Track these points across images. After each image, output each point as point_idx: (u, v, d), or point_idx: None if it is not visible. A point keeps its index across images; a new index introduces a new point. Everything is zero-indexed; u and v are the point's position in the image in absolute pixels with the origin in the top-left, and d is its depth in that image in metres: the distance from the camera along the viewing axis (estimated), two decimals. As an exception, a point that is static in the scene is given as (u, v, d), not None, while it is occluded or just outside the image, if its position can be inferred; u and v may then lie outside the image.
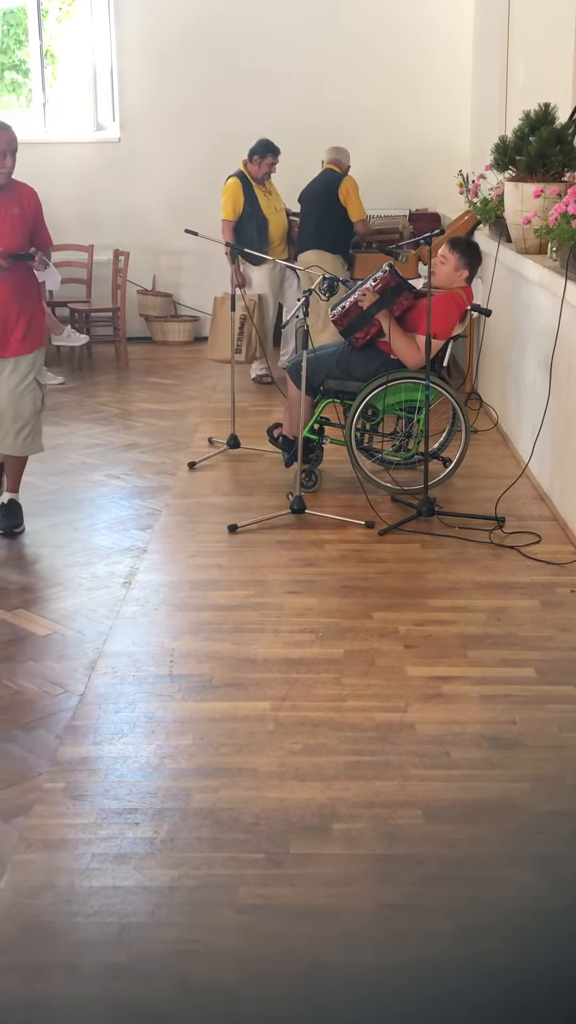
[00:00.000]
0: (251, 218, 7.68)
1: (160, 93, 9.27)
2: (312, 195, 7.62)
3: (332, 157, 7.67)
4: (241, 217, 7.68)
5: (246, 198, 7.66)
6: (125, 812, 2.88)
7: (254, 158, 7.69)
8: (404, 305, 5.21)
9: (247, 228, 7.69)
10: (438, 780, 3.01)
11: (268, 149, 7.66)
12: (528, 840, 2.79)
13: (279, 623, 4.00)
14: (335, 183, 7.55)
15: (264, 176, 7.73)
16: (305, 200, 7.68)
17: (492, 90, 7.84)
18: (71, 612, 4.16)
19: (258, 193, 7.70)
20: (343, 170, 7.63)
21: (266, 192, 7.75)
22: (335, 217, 7.57)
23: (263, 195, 7.73)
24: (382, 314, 5.19)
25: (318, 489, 5.51)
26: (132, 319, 9.33)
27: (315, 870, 2.65)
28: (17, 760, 3.14)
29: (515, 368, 6.06)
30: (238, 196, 7.66)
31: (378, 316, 5.20)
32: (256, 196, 7.68)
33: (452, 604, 4.17)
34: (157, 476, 5.81)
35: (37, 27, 9.54)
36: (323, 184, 7.57)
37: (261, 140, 7.70)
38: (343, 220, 7.62)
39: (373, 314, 5.19)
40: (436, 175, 8.98)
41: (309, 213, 7.64)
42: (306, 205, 7.68)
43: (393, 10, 9.04)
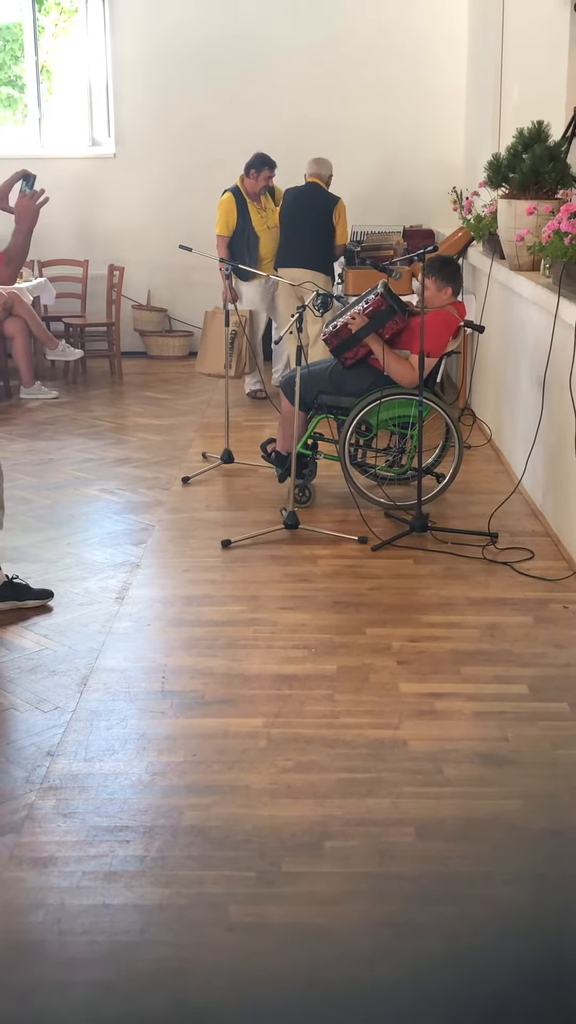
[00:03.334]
0: (242, 233, 7.70)
1: (155, 109, 9.30)
2: (302, 213, 7.57)
3: (314, 170, 7.66)
4: (234, 232, 7.71)
5: (239, 213, 7.68)
6: (116, 830, 2.87)
7: (251, 172, 7.71)
8: (394, 328, 5.22)
9: (238, 243, 7.72)
10: (431, 797, 3.00)
11: (264, 163, 7.68)
12: (521, 858, 2.78)
13: (272, 639, 4.00)
14: (329, 204, 7.51)
15: (261, 191, 7.74)
16: (294, 216, 7.61)
17: (486, 107, 7.87)
18: (63, 627, 4.14)
19: (251, 209, 7.71)
20: (325, 183, 7.62)
21: (260, 209, 7.76)
22: (327, 238, 7.55)
23: (256, 211, 7.74)
24: (371, 337, 5.20)
25: (311, 504, 5.51)
26: (127, 334, 9.34)
27: (307, 888, 2.64)
28: (7, 777, 3.12)
29: (508, 384, 6.07)
30: (231, 212, 7.69)
31: (367, 340, 5.20)
32: (249, 212, 7.70)
33: (445, 620, 4.16)
34: (151, 491, 5.81)
35: (33, 43, 9.56)
36: (313, 202, 7.53)
37: (257, 154, 7.72)
38: (330, 240, 7.60)
39: (362, 337, 5.20)
40: (430, 192, 9.02)
41: (300, 232, 7.57)
42: (296, 222, 7.61)
43: (388, 27, 9.08)
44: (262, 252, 7.73)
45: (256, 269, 7.40)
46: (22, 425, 7.34)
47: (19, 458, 6.46)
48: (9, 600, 4.28)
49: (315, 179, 7.61)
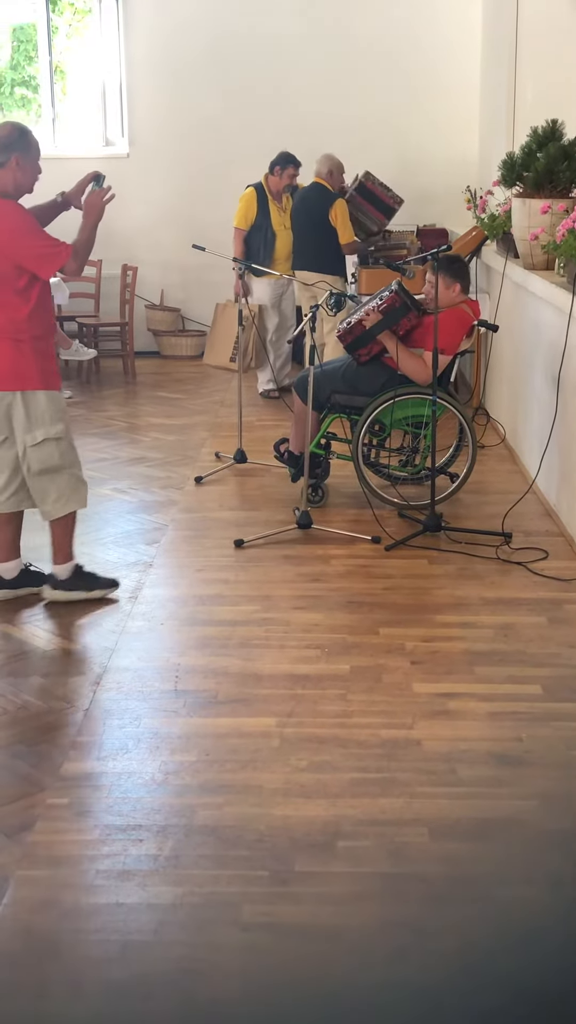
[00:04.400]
0: (260, 230, 7.73)
1: (169, 108, 9.31)
2: (307, 214, 7.57)
3: (316, 169, 7.64)
4: (252, 228, 7.73)
5: (259, 210, 7.72)
6: (129, 828, 2.87)
7: (275, 169, 7.75)
8: (408, 325, 5.21)
9: (255, 239, 7.75)
10: (444, 798, 3.00)
11: (288, 160, 7.72)
12: (535, 858, 2.77)
13: (285, 639, 3.99)
14: (325, 205, 7.49)
15: (285, 188, 7.77)
16: (298, 219, 7.64)
17: (500, 106, 7.86)
18: (77, 627, 4.15)
19: (272, 207, 7.75)
20: (331, 182, 7.58)
21: (281, 208, 7.79)
22: (330, 239, 7.50)
23: (277, 210, 7.77)
24: (385, 334, 5.19)
25: (324, 504, 5.51)
26: (140, 333, 9.35)
27: (320, 888, 2.63)
28: (21, 775, 3.12)
29: (522, 383, 6.06)
30: (251, 206, 7.72)
31: (380, 337, 5.20)
32: (270, 210, 7.73)
33: (459, 620, 4.15)
34: (164, 490, 5.81)
35: (47, 43, 9.58)
36: (313, 204, 7.52)
37: (282, 152, 7.77)
38: (333, 240, 7.53)
39: (376, 334, 5.20)
40: (444, 191, 9.00)
41: (305, 235, 7.59)
42: (301, 225, 7.64)
43: (402, 25, 9.07)
44: (278, 250, 7.74)
45: (270, 266, 7.44)
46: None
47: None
48: (25, 587, 4.40)
49: (318, 178, 7.60)
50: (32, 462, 4.22)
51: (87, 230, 4.14)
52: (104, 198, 4.19)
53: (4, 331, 4.10)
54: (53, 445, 4.22)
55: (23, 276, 4.06)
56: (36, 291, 4.11)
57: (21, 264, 4.03)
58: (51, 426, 4.20)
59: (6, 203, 4.05)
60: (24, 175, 4.08)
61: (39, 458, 4.21)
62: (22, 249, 4.02)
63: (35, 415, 4.18)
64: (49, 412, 4.20)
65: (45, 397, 4.19)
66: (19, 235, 4.02)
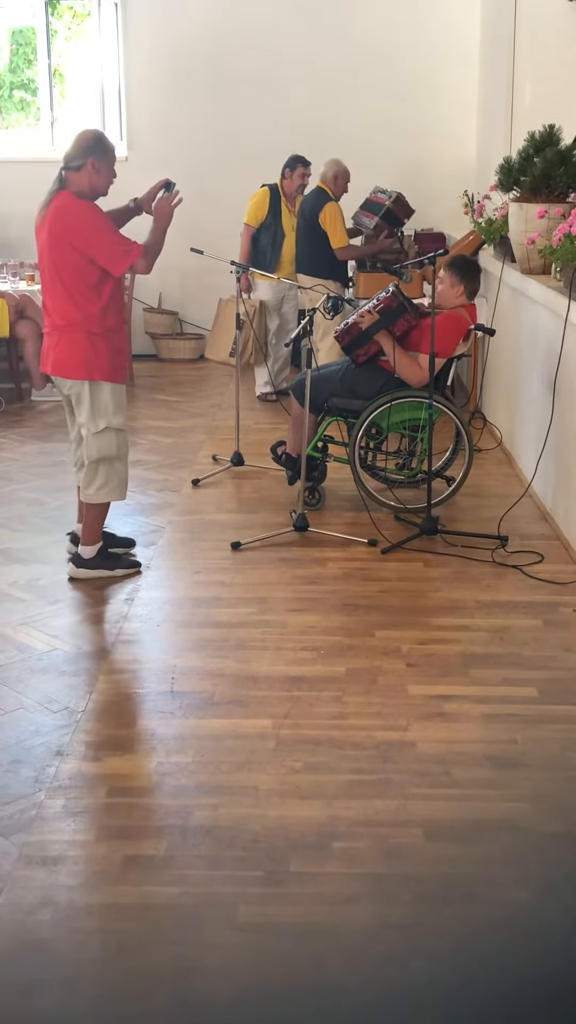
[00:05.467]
0: (269, 229, 7.78)
1: (167, 112, 9.33)
2: (303, 218, 7.60)
3: (323, 172, 7.64)
4: (261, 226, 7.77)
5: (271, 209, 7.77)
6: (125, 829, 2.88)
7: (286, 172, 7.79)
8: (405, 326, 5.23)
9: (263, 238, 7.79)
10: (439, 799, 3.01)
11: (298, 161, 7.78)
12: (529, 861, 2.78)
13: (281, 641, 4.00)
14: (317, 208, 7.48)
15: (297, 190, 7.81)
16: (299, 221, 7.68)
17: (498, 111, 7.88)
18: (73, 628, 4.16)
19: (284, 208, 7.81)
20: (334, 188, 7.58)
21: (292, 211, 7.82)
22: (321, 243, 7.48)
23: (288, 211, 7.82)
24: (382, 335, 5.21)
25: (321, 507, 5.52)
26: (138, 336, 9.36)
27: (315, 889, 2.64)
28: (17, 777, 3.13)
29: (519, 387, 6.07)
30: (263, 205, 7.78)
31: (377, 337, 5.22)
32: (281, 210, 7.79)
33: (454, 623, 4.16)
34: (161, 493, 5.82)
35: (46, 46, 9.60)
36: (310, 208, 7.54)
37: (292, 154, 7.83)
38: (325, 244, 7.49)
39: (372, 334, 5.21)
40: (441, 195, 9.02)
41: (302, 238, 7.63)
42: (299, 228, 7.67)
43: (400, 30, 9.10)
44: (285, 251, 7.78)
45: (276, 267, 7.54)
46: (33, 427, 7.36)
47: (30, 460, 6.49)
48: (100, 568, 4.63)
49: (321, 183, 7.60)
50: (91, 449, 4.48)
51: (157, 233, 4.45)
52: (172, 203, 4.49)
53: (78, 324, 4.36)
54: (113, 435, 4.49)
55: (96, 272, 4.31)
56: (109, 287, 4.37)
57: (95, 261, 4.29)
58: (113, 416, 4.47)
59: (82, 203, 4.29)
60: (100, 178, 4.34)
61: (98, 446, 4.48)
62: (96, 247, 4.27)
63: (99, 405, 4.45)
64: (112, 403, 4.46)
65: (110, 388, 4.45)
66: (94, 234, 4.26)
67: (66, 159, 4.34)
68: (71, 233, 4.26)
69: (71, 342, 4.39)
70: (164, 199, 4.50)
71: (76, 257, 4.28)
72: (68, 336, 4.39)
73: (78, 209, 4.27)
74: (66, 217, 4.27)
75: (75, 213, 4.27)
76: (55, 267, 4.33)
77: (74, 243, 4.26)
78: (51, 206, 4.32)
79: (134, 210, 4.70)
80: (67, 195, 4.30)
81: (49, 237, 4.31)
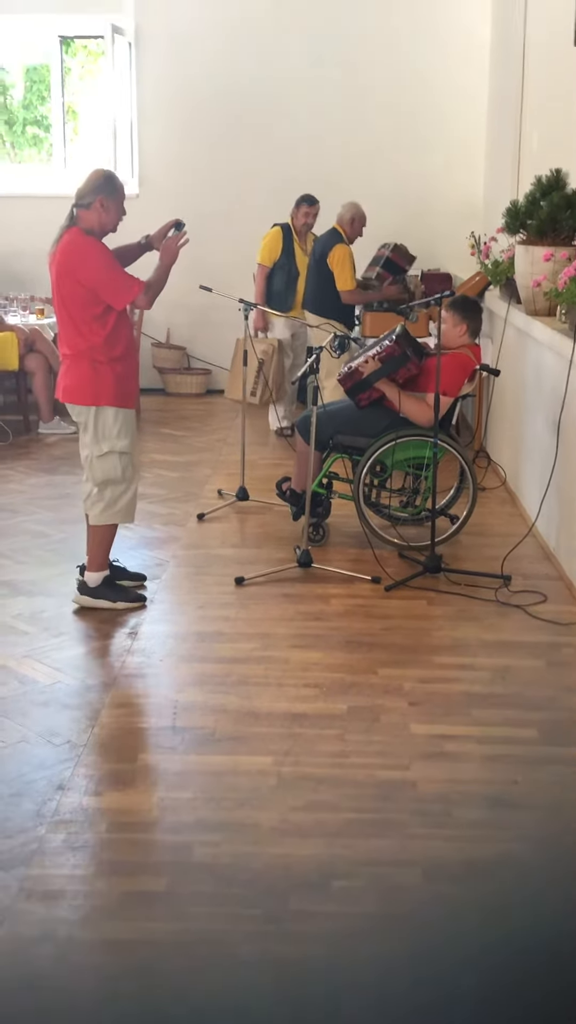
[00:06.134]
0: (283, 268, 7.85)
1: (178, 150, 9.44)
2: (314, 257, 7.67)
3: (340, 214, 7.71)
4: (276, 265, 7.85)
5: (284, 248, 7.85)
6: (124, 864, 2.88)
7: (293, 209, 7.88)
8: (406, 375, 5.26)
9: (278, 277, 7.86)
10: (439, 839, 3.00)
11: (303, 199, 7.89)
12: (529, 901, 2.78)
13: (284, 677, 4.01)
14: (328, 248, 7.54)
15: (303, 228, 7.89)
16: (311, 260, 7.75)
17: (505, 154, 7.97)
18: (76, 661, 4.17)
19: (296, 246, 7.88)
20: (349, 230, 7.64)
21: (304, 249, 7.90)
22: (327, 283, 7.50)
23: (300, 249, 7.89)
24: (383, 382, 5.25)
25: (325, 543, 5.54)
26: (145, 371, 9.40)
27: (314, 927, 2.64)
28: (18, 810, 3.13)
29: (524, 428, 6.11)
30: (276, 244, 7.85)
31: (378, 384, 5.25)
32: (294, 248, 7.87)
33: (457, 662, 4.17)
34: (166, 527, 5.85)
35: (60, 84, 9.74)
36: (321, 247, 7.60)
37: (303, 193, 7.88)
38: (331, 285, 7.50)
39: (373, 382, 5.25)
40: (449, 236, 9.11)
41: (311, 277, 7.69)
42: (309, 267, 7.74)
43: (409, 72, 9.22)
44: (299, 289, 7.83)
45: (292, 305, 7.64)
46: (40, 459, 7.41)
47: (36, 492, 6.52)
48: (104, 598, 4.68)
49: (337, 224, 7.65)
50: (96, 472, 4.60)
51: (161, 271, 4.59)
52: (179, 243, 4.61)
53: (84, 353, 4.51)
54: (116, 458, 4.60)
55: (100, 305, 4.44)
56: (112, 319, 4.49)
57: (98, 294, 4.42)
58: (117, 440, 4.58)
59: (89, 240, 4.44)
60: (108, 216, 4.47)
61: (103, 469, 4.60)
62: (100, 282, 4.42)
63: (103, 429, 4.56)
64: (116, 427, 4.57)
65: (115, 413, 4.57)
66: (98, 269, 4.41)
67: (77, 196, 4.48)
68: (77, 268, 4.40)
69: (78, 370, 4.54)
70: (172, 239, 4.63)
71: (82, 291, 4.42)
72: (75, 364, 4.54)
73: (84, 246, 4.42)
74: (73, 253, 4.42)
75: (81, 249, 4.41)
76: (63, 300, 4.48)
77: (79, 278, 4.41)
78: (61, 242, 4.47)
79: (144, 247, 4.81)
80: (76, 231, 4.45)
81: (58, 272, 4.45)
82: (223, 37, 9.23)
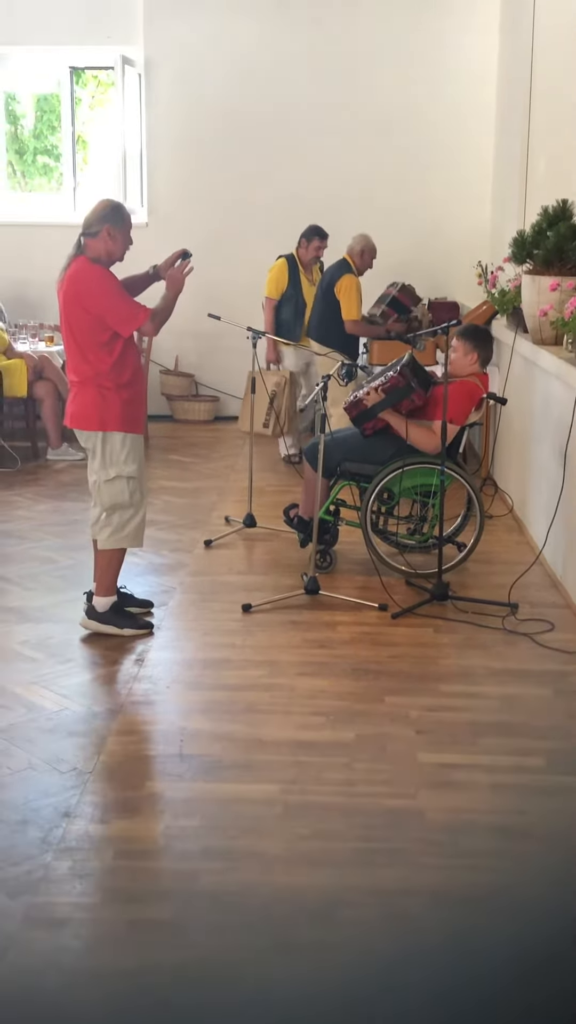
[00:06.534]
0: (291, 300, 7.90)
1: (187, 179, 9.52)
2: (321, 286, 7.71)
3: (350, 245, 7.74)
4: (283, 297, 7.90)
5: (290, 280, 7.90)
6: (129, 892, 2.87)
7: (302, 241, 7.92)
8: (410, 406, 5.28)
9: (286, 309, 7.91)
10: (446, 868, 2.99)
11: (315, 233, 7.92)
12: (535, 932, 2.76)
13: (290, 705, 4.01)
14: (336, 277, 7.56)
15: (312, 260, 7.94)
16: (318, 290, 7.78)
17: (512, 184, 8.02)
18: (83, 688, 4.17)
19: (303, 278, 7.93)
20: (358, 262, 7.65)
21: (311, 280, 7.94)
22: (333, 313, 7.51)
23: (307, 280, 7.94)
24: (387, 412, 5.27)
25: (332, 570, 5.54)
26: (154, 398, 9.45)
27: (321, 956, 2.63)
28: (24, 837, 3.13)
29: (531, 456, 6.12)
30: (282, 277, 7.91)
31: (383, 415, 5.27)
32: (300, 280, 7.92)
33: (464, 690, 4.16)
34: (173, 553, 5.86)
35: (70, 114, 9.83)
36: (329, 277, 7.63)
37: (311, 225, 7.97)
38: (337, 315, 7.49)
39: (376, 413, 5.28)
40: (456, 265, 9.16)
41: (316, 305, 7.72)
42: (316, 296, 7.76)
43: (417, 102, 9.29)
44: (307, 320, 7.86)
45: (299, 335, 7.60)
46: (48, 486, 7.43)
47: (44, 518, 6.54)
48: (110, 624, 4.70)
49: (346, 255, 7.67)
50: (104, 496, 4.64)
51: (167, 299, 4.64)
52: (184, 272, 4.68)
53: (91, 379, 4.55)
54: (124, 483, 4.63)
55: (107, 332, 4.49)
56: (119, 346, 4.53)
57: (105, 322, 4.47)
58: (124, 466, 4.61)
59: (96, 268, 4.49)
60: (115, 245, 4.52)
61: (110, 493, 4.63)
62: (106, 309, 4.46)
63: (111, 454, 4.60)
64: (124, 452, 4.60)
65: (122, 438, 4.60)
66: (104, 297, 4.46)
67: (84, 225, 4.54)
68: (84, 296, 4.45)
69: (84, 396, 4.58)
70: (177, 268, 4.69)
71: (88, 319, 4.47)
72: (82, 391, 4.58)
73: (91, 274, 4.47)
74: (80, 281, 4.46)
75: (88, 278, 4.46)
76: (70, 327, 4.53)
77: (86, 306, 4.45)
78: (68, 270, 4.51)
79: (153, 276, 4.86)
80: (83, 260, 4.50)
81: (65, 299, 4.51)
82: (231, 68, 9.33)
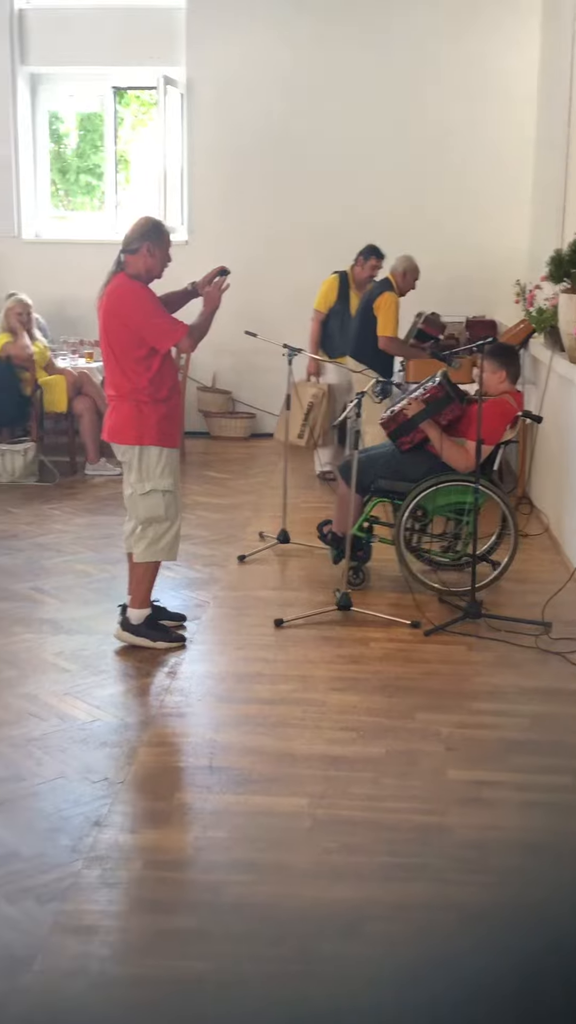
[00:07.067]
0: (338, 315, 7.93)
1: (227, 198, 9.60)
2: (361, 302, 7.72)
3: (394, 265, 7.73)
4: (330, 312, 7.94)
5: (339, 295, 7.94)
6: (157, 902, 2.89)
7: (358, 259, 7.96)
8: (450, 416, 5.29)
9: (332, 323, 7.95)
10: (475, 885, 2.99)
11: (372, 252, 7.94)
12: (565, 950, 2.75)
13: (321, 719, 4.01)
14: (376, 294, 7.55)
15: (366, 280, 7.94)
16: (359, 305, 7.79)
17: (551, 203, 8.02)
18: (115, 699, 4.20)
19: (353, 295, 7.95)
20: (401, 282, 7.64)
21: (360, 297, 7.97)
22: (370, 330, 7.46)
23: (357, 298, 7.95)
24: (427, 423, 5.28)
25: (365, 587, 5.55)
26: (191, 414, 9.52)
27: (347, 970, 2.63)
28: (54, 845, 3.16)
29: (567, 475, 6.10)
30: (332, 291, 7.96)
31: (423, 426, 5.28)
32: (350, 297, 7.94)
33: (495, 708, 4.15)
34: (207, 568, 5.89)
35: (112, 133, 9.96)
36: (370, 294, 7.64)
37: (368, 244, 7.97)
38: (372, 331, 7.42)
39: (418, 423, 5.29)
40: (494, 283, 9.16)
41: (356, 322, 7.70)
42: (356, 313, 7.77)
43: (456, 122, 9.31)
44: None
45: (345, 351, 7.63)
46: (86, 500, 7.49)
47: (81, 532, 6.59)
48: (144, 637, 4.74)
49: (391, 274, 7.66)
50: (139, 510, 4.70)
51: (205, 316, 4.71)
52: (220, 288, 4.75)
53: (128, 394, 4.61)
54: (159, 497, 4.68)
55: (145, 348, 4.55)
56: (156, 362, 4.59)
57: (143, 337, 4.53)
58: (160, 479, 4.67)
59: (135, 284, 4.56)
60: (154, 262, 4.59)
61: (146, 506, 4.68)
62: (145, 325, 4.52)
63: (147, 467, 4.66)
64: (160, 466, 4.66)
65: (158, 452, 4.65)
66: (143, 313, 4.53)
67: (124, 242, 4.60)
68: (123, 312, 4.52)
69: (122, 410, 4.64)
70: (214, 285, 4.75)
71: (126, 333, 4.53)
72: (120, 405, 4.64)
73: (130, 290, 4.53)
74: (119, 298, 4.53)
75: (127, 293, 4.53)
76: (109, 342, 4.59)
77: (125, 321, 4.52)
78: (108, 286, 4.58)
79: (191, 293, 4.91)
80: (122, 277, 4.57)
81: (105, 315, 4.57)
82: (272, 89, 9.41)
